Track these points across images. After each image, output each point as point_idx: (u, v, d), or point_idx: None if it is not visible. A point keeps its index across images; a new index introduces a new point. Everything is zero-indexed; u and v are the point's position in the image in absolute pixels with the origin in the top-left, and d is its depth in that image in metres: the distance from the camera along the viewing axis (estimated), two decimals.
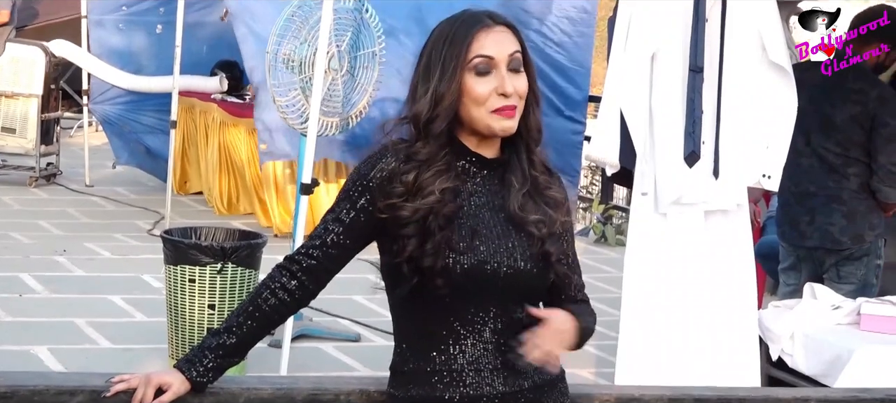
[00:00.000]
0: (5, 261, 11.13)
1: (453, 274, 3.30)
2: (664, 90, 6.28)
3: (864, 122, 7.09)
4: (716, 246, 6.36)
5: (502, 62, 3.36)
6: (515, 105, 3.37)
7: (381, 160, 3.39)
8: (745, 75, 6.31)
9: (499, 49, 3.37)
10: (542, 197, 3.43)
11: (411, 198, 3.32)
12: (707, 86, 6.19)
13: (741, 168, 6.33)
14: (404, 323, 3.45)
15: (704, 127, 6.20)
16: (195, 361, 3.38)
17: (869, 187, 7.16)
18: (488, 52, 3.36)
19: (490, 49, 3.36)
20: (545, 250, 3.40)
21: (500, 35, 3.39)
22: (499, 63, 3.36)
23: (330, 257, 3.42)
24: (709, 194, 6.27)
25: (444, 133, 3.38)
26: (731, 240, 6.40)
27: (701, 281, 6.34)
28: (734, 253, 6.40)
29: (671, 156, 6.25)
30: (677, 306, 6.30)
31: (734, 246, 6.41)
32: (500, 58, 3.36)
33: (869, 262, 7.21)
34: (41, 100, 15.07)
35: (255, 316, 3.42)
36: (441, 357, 3.36)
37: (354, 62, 9.42)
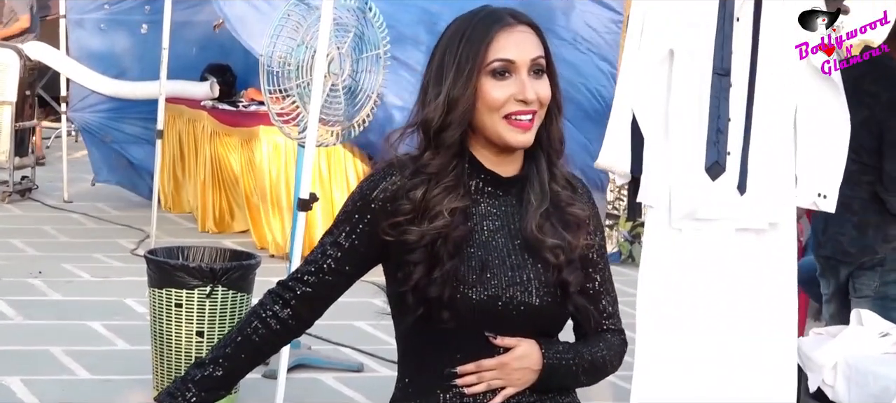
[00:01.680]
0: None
1: (461, 309, 3.29)
2: (683, 93, 6.26)
3: (873, 128, 7.11)
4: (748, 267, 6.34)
5: (523, 66, 3.32)
6: (534, 112, 3.33)
7: (386, 178, 3.36)
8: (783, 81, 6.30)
9: (520, 51, 3.33)
10: (562, 215, 3.38)
11: (418, 220, 3.30)
12: (735, 91, 6.18)
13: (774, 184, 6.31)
14: (409, 355, 3.46)
15: (731, 136, 6.19)
16: (177, 395, 3.39)
17: None
18: (509, 55, 3.32)
19: (511, 51, 3.32)
20: (563, 279, 3.35)
21: (523, 36, 3.35)
22: (520, 67, 3.32)
23: (327, 284, 3.42)
24: (733, 210, 6.25)
25: (457, 143, 3.34)
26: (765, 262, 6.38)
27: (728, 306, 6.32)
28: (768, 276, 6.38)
29: (688, 166, 6.24)
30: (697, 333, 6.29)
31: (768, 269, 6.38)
32: (522, 61, 3.32)
33: (884, 274, 7.21)
34: (15, 107, 15.12)
35: (244, 346, 3.43)
36: (446, 395, 3.37)
37: (357, 66, 9.44)
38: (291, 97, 9.27)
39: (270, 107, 9.54)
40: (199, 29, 14.84)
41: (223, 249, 8.98)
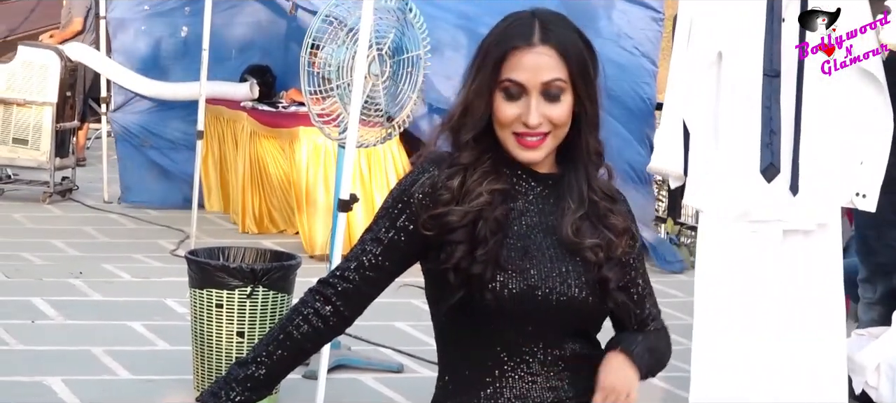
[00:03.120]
0: (17, 285, 11.20)
1: (502, 298, 3.27)
2: (733, 96, 6.26)
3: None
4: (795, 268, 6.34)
5: (534, 89, 3.29)
6: (544, 133, 3.30)
7: (424, 173, 3.36)
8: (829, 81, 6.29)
9: (532, 75, 3.29)
10: (602, 221, 3.37)
11: (458, 203, 3.30)
12: (784, 93, 6.18)
13: (823, 184, 6.30)
14: (448, 352, 3.44)
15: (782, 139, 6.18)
16: (220, 394, 3.37)
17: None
18: (519, 77, 3.29)
19: (522, 74, 3.29)
20: (603, 276, 3.34)
21: (539, 58, 3.31)
22: (530, 90, 3.29)
23: (368, 280, 3.40)
24: (785, 212, 6.25)
25: (483, 139, 3.34)
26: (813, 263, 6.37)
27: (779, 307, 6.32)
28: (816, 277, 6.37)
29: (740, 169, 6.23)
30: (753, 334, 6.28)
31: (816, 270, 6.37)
32: (532, 84, 3.29)
33: None
34: (56, 108, 15.16)
35: (286, 344, 3.40)
36: (486, 391, 3.34)
37: (397, 66, 9.45)
38: (332, 98, 9.28)
39: (311, 107, 9.55)
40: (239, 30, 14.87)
41: (264, 250, 8.99)
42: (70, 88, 15.56)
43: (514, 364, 3.33)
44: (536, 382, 3.34)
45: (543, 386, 3.34)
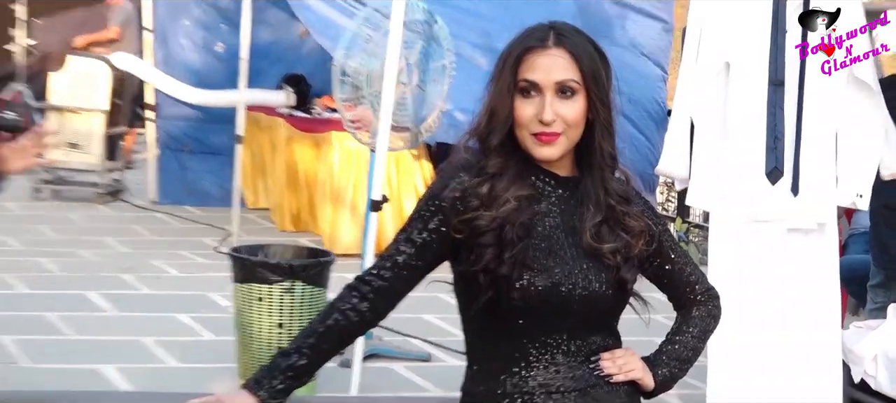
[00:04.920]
0: (72, 279, 11.24)
1: (529, 295, 3.29)
2: (740, 103, 6.26)
3: None
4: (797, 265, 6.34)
5: (548, 87, 3.32)
6: (557, 132, 3.32)
7: (454, 178, 3.37)
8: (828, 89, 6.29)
9: (546, 74, 3.32)
10: (620, 222, 3.39)
11: (487, 208, 3.31)
12: (787, 101, 6.18)
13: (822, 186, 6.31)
14: (477, 343, 3.45)
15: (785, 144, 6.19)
16: (264, 382, 3.38)
17: None
18: (533, 76, 3.32)
19: (536, 73, 3.32)
20: (621, 277, 3.38)
21: (552, 59, 3.34)
22: (544, 88, 3.32)
23: (401, 278, 3.42)
24: (787, 212, 6.25)
25: (508, 145, 3.36)
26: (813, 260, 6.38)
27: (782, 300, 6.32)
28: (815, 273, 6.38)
29: (747, 171, 6.24)
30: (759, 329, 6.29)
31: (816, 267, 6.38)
32: (546, 83, 3.32)
33: None
34: (107, 115, 15.22)
35: (326, 336, 3.43)
36: (513, 380, 3.36)
37: (424, 75, 9.46)
38: (363, 105, 9.30)
39: (343, 114, 9.57)
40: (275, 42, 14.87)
41: (301, 247, 9.02)
42: (118, 96, 15.60)
43: (539, 354, 3.35)
44: (560, 371, 3.36)
45: (566, 375, 3.36)
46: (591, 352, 3.41)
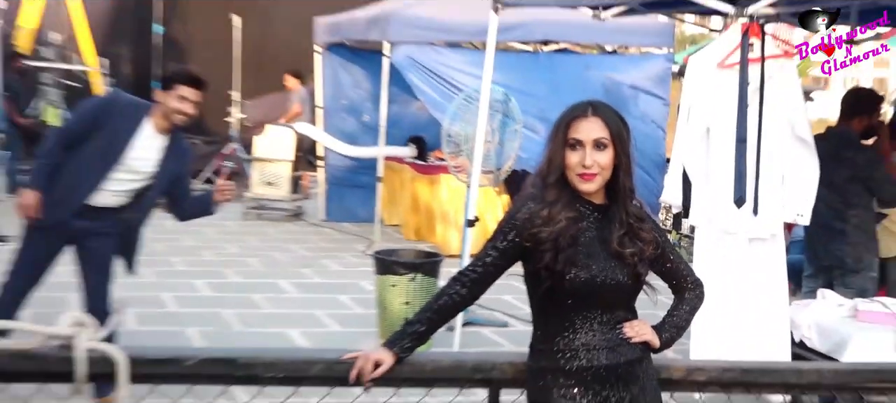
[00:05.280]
0: (269, 271, 11.32)
1: (575, 283, 3.29)
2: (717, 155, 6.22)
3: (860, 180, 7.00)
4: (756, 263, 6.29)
5: (588, 143, 3.31)
6: (595, 173, 3.32)
7: (525, 206, 3.37)
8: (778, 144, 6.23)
9: (586, 134, 3.32)
10: (636, 235, 3.39)
11: (546, 225, 3.30)
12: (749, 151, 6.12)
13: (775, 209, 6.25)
14: (539, 316, 3.44)
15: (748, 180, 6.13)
16: (397, 342, 3.38)
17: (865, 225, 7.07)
18: (578, 136, 3.32)
19: (580, 133, 3.32)
20: (637, 271, 3.38)
21: (591, 124, 3.33)
22: (585, 143, 3.31)
23: (489, 273, 3.42)
24: (751, 227, 6.20)
25: (561, 182, 3.35)
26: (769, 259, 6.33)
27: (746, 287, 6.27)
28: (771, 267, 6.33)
29: (722, 200, 6.19)
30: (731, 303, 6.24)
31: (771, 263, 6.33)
32: (587, 140, 3.31)
33: (864, 275, 7.09)
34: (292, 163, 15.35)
35: (438, 311, 3.42)
36: (564, 340, 3.34)
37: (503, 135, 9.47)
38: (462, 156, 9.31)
39: (449, 162, 9.60)
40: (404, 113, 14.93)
41: (420, 250, 9.02)
42: (299, 150, 15.73)
43: (582, 323, 3.34)
44: (596, 334, 3.35)
45: (600, 337, 3.35)
46: (616, 322, 3.39)
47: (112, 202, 6.15)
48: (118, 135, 6.02)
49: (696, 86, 6.33)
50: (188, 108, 6.03)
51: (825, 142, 6.81)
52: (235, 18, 17.85)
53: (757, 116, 6.12)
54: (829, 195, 6.92)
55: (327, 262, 12.06)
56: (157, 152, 6.11)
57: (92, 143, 6.02)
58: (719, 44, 6.34)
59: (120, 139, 6.02)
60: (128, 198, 6.18)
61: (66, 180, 6.05)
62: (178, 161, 6.21)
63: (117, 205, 6.17)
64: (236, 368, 3.32)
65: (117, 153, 6.02)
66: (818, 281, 7.25)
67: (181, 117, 6.04)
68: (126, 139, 6.03)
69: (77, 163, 6.04)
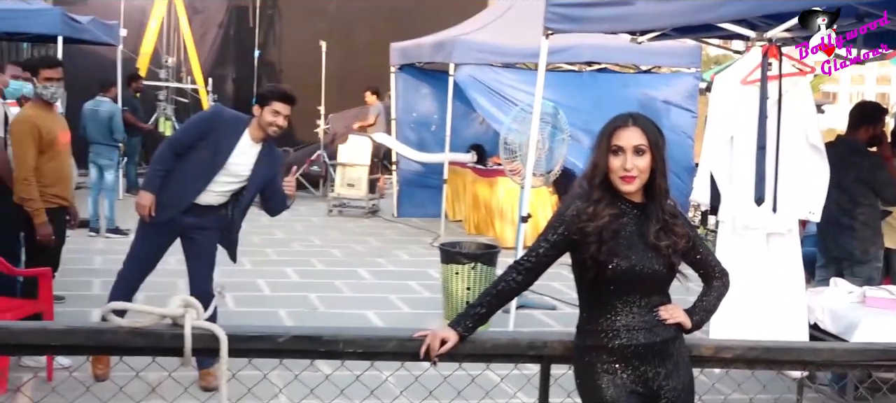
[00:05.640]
0: (348, 261, 11.35)
1: (617, 271, 3.23)
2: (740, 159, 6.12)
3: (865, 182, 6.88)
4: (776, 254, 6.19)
5: (629, 149, 3.26)
6: (634, 176, 3.26)
7: (573, 204, 3.32)
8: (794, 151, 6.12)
9: (627, 141, 3.27)
10: (671, 230, 3.32)
11: (592, 221, 3.26)
12: (768, 157, 6.02)
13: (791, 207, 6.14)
14: (585, 299, 3.38)
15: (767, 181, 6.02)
16: (460, 322, 3.35)
17: (871, 221, 6.95)
18: (620, 143, 3.27)
19: (621, 141, 3.27)
20: (671, 261, 3.31)
21: (631, 132, 3.28)
22: (626, 150, 3.26)
23: (540, 263, 3.37)
24: (769, 223, 6.10)
25: (604, 184, 3.30)
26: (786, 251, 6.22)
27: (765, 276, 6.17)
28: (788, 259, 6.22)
29: (744, 199, 6.09)
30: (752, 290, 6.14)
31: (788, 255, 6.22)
32: (628, 147, 3.26)
33: (871, 266, 6.96)
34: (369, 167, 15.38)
35: (496, 296, 3.38)
36: (607, 321, 3.29)
37: (552, 143, 9.41)
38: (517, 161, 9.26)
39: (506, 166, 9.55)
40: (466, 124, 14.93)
41: (480, 243, 8.98)
42: (375, 156, 15.75)
43: (622, 306, 3.28)
44: (635, 317, 3.28)
45: (639, 319, 3.29)
46: (653, 306, 3.32)
47: (215, 201, 6.20)
48: (221, 145, 6.07)
49: (722, 100, 6.23)
50: (280, 121, 6.05)
51: (835, 149, 6.70)
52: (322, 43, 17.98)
53: (775, 126, 6.01)
54: (839, 195, 6.80)
55: (399, 253, 12.06)
56: (253, 159, 6.13)
57: (199, 152, 6.07)
58: (742, 63, 6.23)
59: (223, 148, 6.06)
60: (228, 198, 6.22)
61: (177, 183, 6.13)
62: (271, 166, 6.24)
63: (219, 204, 6.22)
64: (321, 344, 3.30)
65: (221, 160, 6.06)
66: (829, 270, 7.12)
67: (274, 129, 6.06)
68: (228, 148, 6.07)
69: (186, 169, 6.10)
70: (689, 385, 3.40)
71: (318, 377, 3.80)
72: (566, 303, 9.14)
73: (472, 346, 3.38)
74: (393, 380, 4.34)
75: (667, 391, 3.33)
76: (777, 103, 6.03)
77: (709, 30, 7.49)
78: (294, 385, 4.04)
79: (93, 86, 12.95)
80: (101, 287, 9.19)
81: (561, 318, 8.71)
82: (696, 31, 8.00)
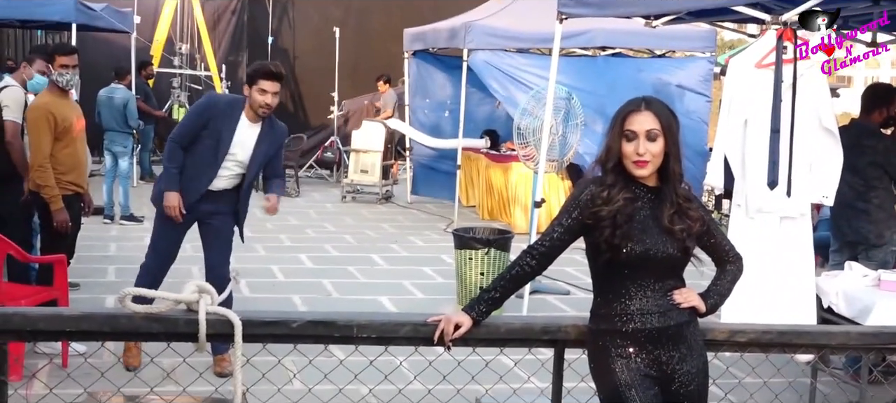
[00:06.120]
0: (361, 247, 11.36)
1: (631, 256, 3.23)
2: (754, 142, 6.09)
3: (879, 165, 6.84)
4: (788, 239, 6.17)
5: (642, 134, 3.26)
6: (647, 161, 3.26)
7: (587, 188, 3.32)
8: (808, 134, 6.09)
9: (640, 126, 3.26)
10: (685, 214, 3.32)
11: (606, 205, 3.25)
12: (782, 140, 5.99)
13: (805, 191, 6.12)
14: (599, 284, 3.38)
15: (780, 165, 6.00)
16: (474, 307, 3.35)
17: (885, 205, 6.92)
18: (633, 128, 3.26)
19: (634, 126, 3.26)
20: (686, 245, 3.31)
21: (644, 117, 3.28)
22: (639, 134, 3.26)
23: (555, 247, 3.36)
24: (782, 206, 6.08)
25: (618, 167, 3.30)
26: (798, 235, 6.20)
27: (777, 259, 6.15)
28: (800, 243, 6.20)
29: (757, 183, 6.07)
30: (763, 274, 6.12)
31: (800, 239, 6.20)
32: (640, 131, 3.26)
33: (886, 249, 6.93)
34: (382, 153, 15.38)
35: (510, 280, 3.38)
36: (620, 305, 3.29)
37: (566, 129, 9.39)
38: (531, 146, 9.25)
39: (519, 152, 9.54)
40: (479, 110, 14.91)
41: (494, 228, 8.97)
42: (389, 142, 15.75)
43: (636, 290, 3.28)
44: (649, 300, 3.29)
45: (653, 302, 3.29)
46: (667, 289, 3.32)
47: (225, 185, 6.25)
48: (222, 131, 6.11)
49: (736, 84, 6.20)
50: (268, 99, 6.03)
51: (848, 133, 6.67)
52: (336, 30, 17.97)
53: (789, 110, 5.97)
54: (853, 178, 6.78)
55: (413, 239, 12.07)
56: (254, 138, 6.17)
57: (203, 142, 6.15)
58: (756, 46, 6.20)
59: (224, 134, 6.11)
60: (237, 179, 6.25)
61: (189, 175, 6.21)
62: (273, 143, 6.25)
63: (230, 187, 6.26)
64: (335, 329, 3.31)
65: (225, 146, 6.12)
66: (844, 254, 7.09)
67: (264, 109, 6.05)
68: (230, 133, 6.12)
69: (195, 160, 6.18)
70: (704, 369, 3.40)
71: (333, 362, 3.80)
72: (580, 288, 9.13)
73: (485, 331, 3.38)
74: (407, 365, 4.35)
75: (681, 374, 3.33)
76: (791, 87, 6.00)
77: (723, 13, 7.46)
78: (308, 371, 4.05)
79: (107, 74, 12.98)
80: (115, 274, 9.24)
81: (575, 303, 8.70)
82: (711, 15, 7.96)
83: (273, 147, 6.26)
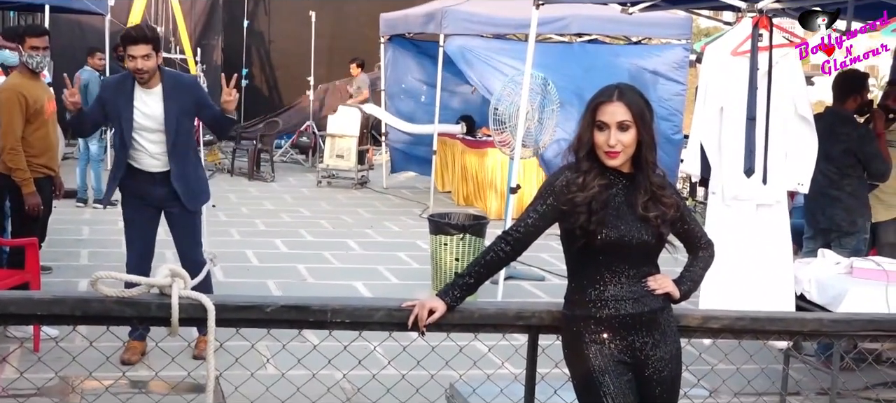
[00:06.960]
0: (337, 232, 11.34)
1: (606, 242, 3.23)
2: (729, 130, 6.12)
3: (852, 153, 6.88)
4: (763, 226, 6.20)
5: (613, 125, 3.25)
6: (618, 151, 3.26)
7: (561, 174, 3.33)
8: (783, 122, 6.12)
9: (611, 117, 3.25)
10: (659, 200, 3.32)
11: (581, 191, 3.25)
12: (758, 128, 6.01)
13: (780, 178, 6.14)
14: (574, 270, 3.38)
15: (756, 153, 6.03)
16: (448, 292, 3.34)
17: (858, 192, 6.96)
18: (603, 119, 3.26)
19: (605, 116, 3.26)
20: (660, 232, 3.31)
21: (615, 107, 3.26)
22: (610, 125, 3.25)
23: (529, 233, 3.35)
24: (759, 194, 6.11)
25: (591, 155, 3.30)
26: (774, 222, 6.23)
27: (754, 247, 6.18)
28: (776, 230, 6.23)
29: (734, 170, 6.09)
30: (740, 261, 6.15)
31: (776, 226, 6.23)
32: (611, 122, 3.25)
33: (858, 236, 6.97)
34: (358, 138, 15.35)
35: (485, 266, 3.36)
36: (595, 291, 3.29)
37: (542, 114, 9.39)
38: (507, 132, 9.25)
39: (495, 138, 9.54)
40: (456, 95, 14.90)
41: (469, 213, 8.97)
42: (365, 128, 15.72)
43: (611, 276, 3.28)
44: (623, 287, 3.29)
45: (627, 289, 3.29)
46: (642, 275, 3.32)
47: (157, 163, 6.08)
48: (121, 109, 5.99)
49: (712, 71, 6.22)
50: (139, 64, 5.87)
51: (823, 120, 6.71)
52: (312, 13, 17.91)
53: (765, 97, 5.99)
54: (826, 166, 6.81)
55: (388, 224, 12.06)
56: (158, 100, 6.00)
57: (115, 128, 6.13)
58: (733, 34, 6.22)
59: (124, 111, 5.98)
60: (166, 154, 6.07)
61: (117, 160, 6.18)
62: (183, 94, 6.04)
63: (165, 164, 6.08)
64: (309, 314, 3.30)
65: (128, 121, 5.98)
66: (817, 242, 7.14)
67: (140, 73, 5.91)
68: (126, 105, 5.97)
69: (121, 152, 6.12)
70: (677, 355, 3.41)
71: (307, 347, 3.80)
72: (555, 274, 9.15)
73: (460, 316, 3.38)
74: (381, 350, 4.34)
75: (654, 360, 3.34)
76: (767, 74, 6.02)
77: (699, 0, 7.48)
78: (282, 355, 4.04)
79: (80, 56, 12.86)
80: (88, 257, 9.18)
81: (549, 289, 8.72)
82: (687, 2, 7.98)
83: (188, 99, 6.04)
